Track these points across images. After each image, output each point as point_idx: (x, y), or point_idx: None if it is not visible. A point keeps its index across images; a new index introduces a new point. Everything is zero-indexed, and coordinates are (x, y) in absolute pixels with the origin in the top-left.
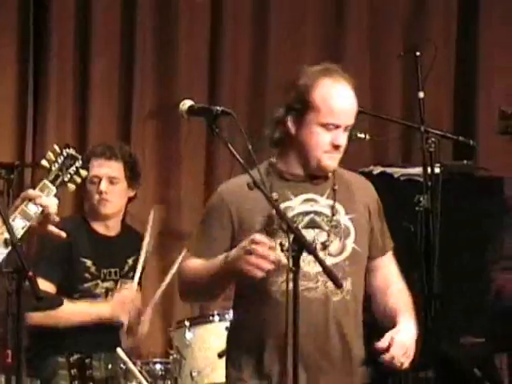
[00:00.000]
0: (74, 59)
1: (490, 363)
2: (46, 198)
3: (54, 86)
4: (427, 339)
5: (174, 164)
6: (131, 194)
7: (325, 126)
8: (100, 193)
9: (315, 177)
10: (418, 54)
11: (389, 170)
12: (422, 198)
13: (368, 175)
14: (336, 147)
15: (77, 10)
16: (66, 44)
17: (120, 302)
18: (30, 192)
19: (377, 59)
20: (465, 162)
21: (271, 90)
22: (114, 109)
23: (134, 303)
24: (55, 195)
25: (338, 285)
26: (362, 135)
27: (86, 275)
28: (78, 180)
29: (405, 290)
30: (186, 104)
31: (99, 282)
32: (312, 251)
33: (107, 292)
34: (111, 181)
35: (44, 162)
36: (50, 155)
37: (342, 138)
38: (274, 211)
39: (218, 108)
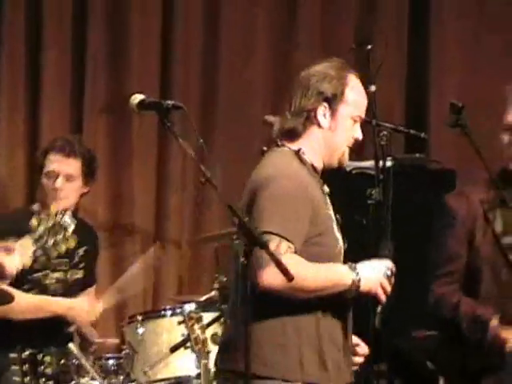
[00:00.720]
0: (26, 55)
1: (442, 356)
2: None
3: (5, 80)
4: (380, 332)
5: (126, 158)
6: (85, 190)
7: (353, 119)
8: (55, 189)
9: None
10: (369, 47)
11: None
12: (373, 191)
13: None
14: (356, 141)
15: (27, 2)
16: (16, 38)
17: (81, 307)
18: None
19: (329, 52)
20: (417, 155)
21: (223, 84)
22: (65, 103)
23: (93, 315)
24: (33, 253)
25: (289, 278)
26: None
27: (36, 266)
28: (63, 249)
29: None
30: (137, 98)
31: (49, 272)
32: (264, 245)
33: (57, 282)
34: (67, 178)
35: (33, 221)
36: (42, 215)
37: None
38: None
39: (169, 102)
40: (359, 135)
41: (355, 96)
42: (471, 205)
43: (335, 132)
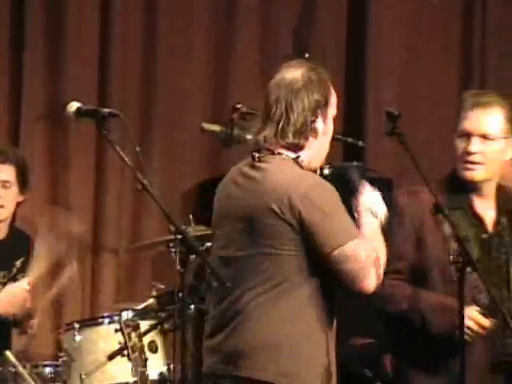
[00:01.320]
0: None
1: (380, 363)
2: None
3: None
4: None
5: (64, 165)
6: (21, 198)
7: (333, 118)
8: None
9: None
10: (306, 55)
11: None
12: None
13: None
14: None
15: None
16: None
17: (9, 297)
18: None
19: (267, 59)
20: (354, 163)
21: (161, 91)
22: (2, 110)
23: (23, 300)
24: None
25: (224, 285)
26: (251, 137)
27: None
28: None
29: None
30: (74, 106)
31: None
32: (199, 252)
33: None
34: (4, 185)
35: None
36: None
37: None
38: None
39: (106, 110)
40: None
41: (334, 96)
42: (420, 203)
43: (327, 135)
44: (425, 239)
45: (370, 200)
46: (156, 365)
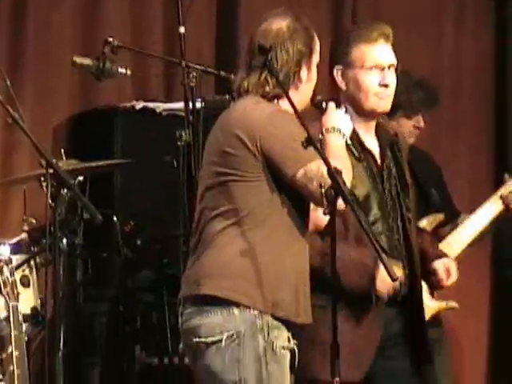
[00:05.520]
0: None
1: None
2: None
3: None
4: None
5: None
6: None
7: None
8: None
9: None
10: None
11: (151, 104)
12: (183, 133)
13: (130, 110)
14: None
15: None
16: None
17: None
18: None
19: None
20: (227, 96)
21: (32, 25)
22: None
23: None
24: None
25: (96, 217)
26: (123, 70)
27: None
28: None
29: None
30: None
31: None
32: (70, 186)
33: None
34: None
35: None
36: None
37: None
38: None
39: None
40: None
41: (318, 44)
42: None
43: (310, 83)
44: None
45: (334, 118)
46: (28, 299)
